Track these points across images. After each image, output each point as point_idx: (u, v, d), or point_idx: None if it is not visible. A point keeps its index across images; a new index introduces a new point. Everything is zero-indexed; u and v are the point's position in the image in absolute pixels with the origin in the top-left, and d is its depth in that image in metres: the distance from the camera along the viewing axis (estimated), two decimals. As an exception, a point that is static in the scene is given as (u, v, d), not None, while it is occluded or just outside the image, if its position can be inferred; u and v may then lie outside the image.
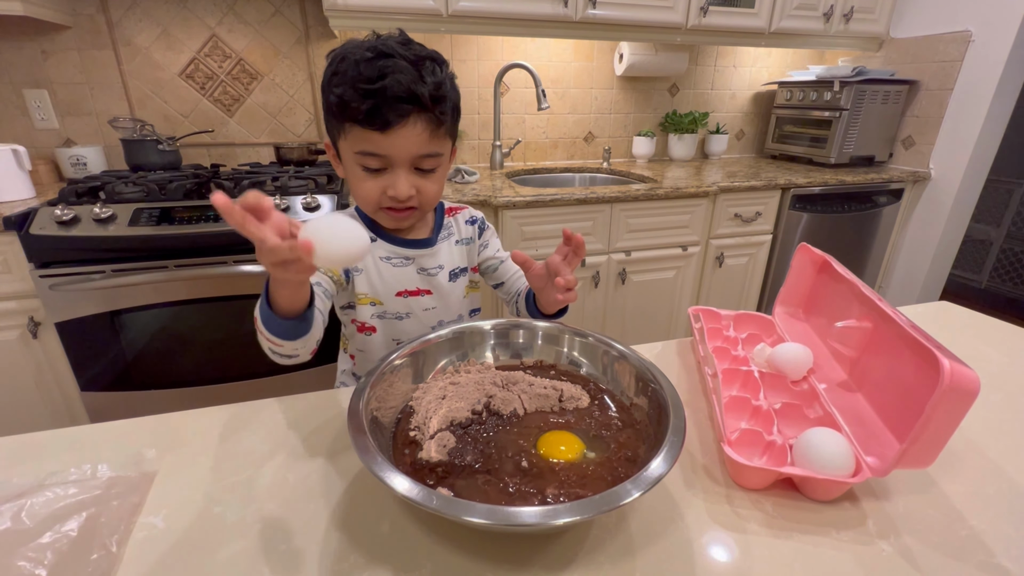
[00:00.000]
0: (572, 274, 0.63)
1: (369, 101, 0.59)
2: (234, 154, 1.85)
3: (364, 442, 0.40)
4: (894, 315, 0.52)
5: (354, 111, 0.60)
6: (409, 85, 0.59)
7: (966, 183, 1.99)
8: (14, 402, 1.35)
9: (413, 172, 0.66)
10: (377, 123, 0.60)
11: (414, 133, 0.62)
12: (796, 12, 1.90)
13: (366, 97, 0.59)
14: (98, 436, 0.55)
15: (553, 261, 0.64)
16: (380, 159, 0.64)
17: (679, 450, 0.40)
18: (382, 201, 0.68)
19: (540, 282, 0.68)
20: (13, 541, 0.40)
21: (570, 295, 0.63)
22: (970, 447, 0.55)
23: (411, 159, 0.65)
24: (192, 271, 1.27)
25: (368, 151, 0.63)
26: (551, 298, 0.66)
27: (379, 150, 0.63)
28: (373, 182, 0.66)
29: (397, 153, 0.63)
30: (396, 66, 0.59)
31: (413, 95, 0.60)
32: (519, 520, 0.34)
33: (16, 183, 1.34)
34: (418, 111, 0.61)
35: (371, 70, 0.59)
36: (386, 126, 0.60)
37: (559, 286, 0.61)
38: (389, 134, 0.61)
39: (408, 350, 0.55)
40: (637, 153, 2.25)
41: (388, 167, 0.65)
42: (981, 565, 0.41)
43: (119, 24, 1.62)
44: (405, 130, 0.61)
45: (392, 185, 0.65)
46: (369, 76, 0.59)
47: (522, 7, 1.62)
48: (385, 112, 0.60)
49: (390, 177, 0.65)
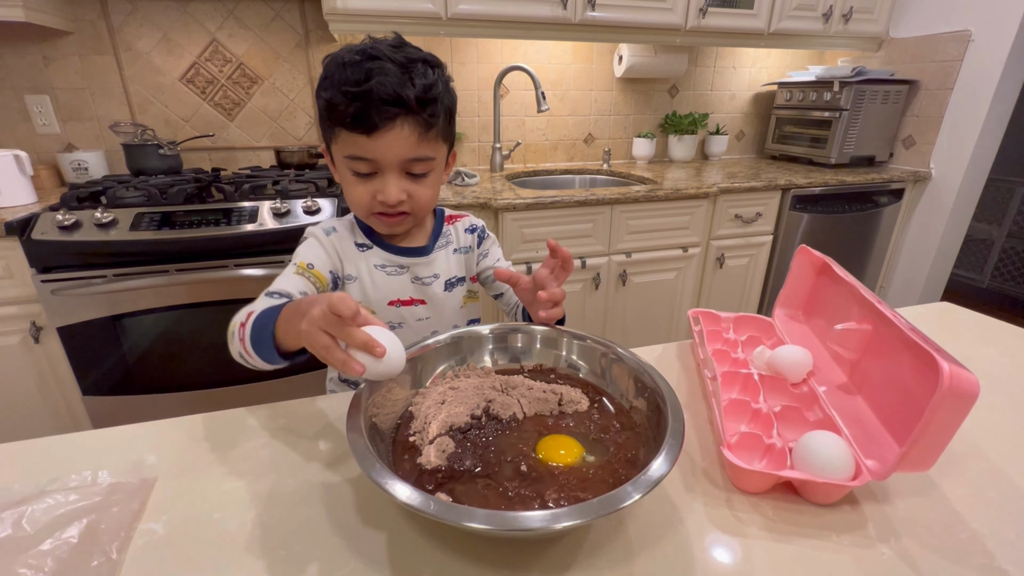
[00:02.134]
0: (559, 287, 0.62)
1: (355, 104, 0.59)
2: (235, 158, 1.86)
3: (363, 448, 0.40)
4: (894, 318, 0.52)
5: (341, 115, 0.60)
6: (394, 87, 0.59)
7: (967, 182, 1.98)
8: (16, 407, 1.35)
9: (404, 177, 0.66)
10: (363, 126, 0.60)
11: (401, 136, 0.61)
12: (795, 13, 1.90)
13: (352, 100, 0.59)
14: (98, 442, 0.56)
15: (540, 274, 0.63)
16: (369, 163, 0.63)
17: (678, 452, 0.40)
18: (373, 206, 0.67)
19: (529, 296, 0.66)
20: (14, 548, 0.40)
21: (555, 311, 0.61)
22: (971, 449, 0.55)
23: (400, 163, 0.64)
24: (193, 275, 1.27)
25: (356, 155, 0.63)
26: (537, 315, 0.64)
27: (366, 154, 0.62)
28: (364, 187, 0.66)
29: (384, 157, 0.63)
30: (382, 68, 0.59)
31: (399, 98, 0.59)
32: (518, 525, 0.34)
33: (18, 188, 1.35)
34: (405, 114, 0.60)
35: (357, 73, 0.59)
36: (372, 129, 0.60)
37: (542, 300, 0.59)
38: (375, 137, 0.61)
39: (407, 355, 0.55)
40: (637, 154, 2.25)
41: (378, 171, 0.65)
42: (982, 568, 0.41)
43: (120, 29, 1.63)
44: (392, 133, 0.61)
45: (382, 190, 0.65)
46: (355, 79, 0.59)
47: (521, 9, 1.62)
48: (371, 115, 0.59)
49: (380, 181, 0.65)
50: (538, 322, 0.64)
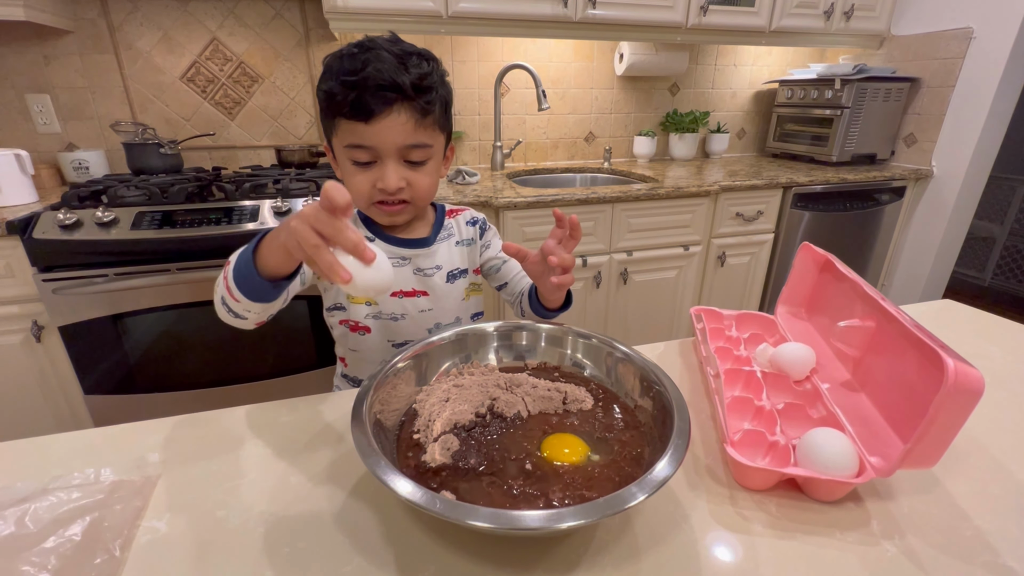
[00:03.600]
0: (568, 254, 0.60)
1: (353, 92, 0.61)
2: (235, 157, 1.85)
3: (367, 445, 0.40)
4: (897, 314, 0.52)
5: (339, 104, 0.62)
6: (390, 74, 0.61)
7: (968, 180, 1.98)
8: (18, 406, 1.35)
9: (402, 164, 0.67)
10: (361, 113, 0.62)
11: (398, 123, 0.63)
12: (796, 10, 1.90)
13: (350, 89, 0.61)
14: (101, 440, 0.56)
15: (547, 245, 0.62)
16: (367, 151, 0.65)
17: (684, 453, 0.40)
18: (373, 195, 0.68)
19: (537, 268, 0.66)
20: (17, 546, 0.40)
21: (566, 278, 0.60)
22: (975, 446, 0.55)
23: (398, 150, 0.65)
24: (194, 274, 1.27)
25: (355, 143, 0.64)
26: (547, 284, 0.63)
27: (365, 141, 0.64)
28: (363, 176, 0.67)
29: (382, 143, 0.64)
30: (378, 56, 0.61)
31: (395, 84, 0.61)
32: (523, 524, 0.34)
33: (19, 187, 1.35)
34: (401, 100, 0.62)
35: (354, 63, 0.61)
36: (369, 116, 0.62)
37: (552, 264, 0.59)
38: (373, 124, 0.62)
39: (411, 353, 0.55)
40: (638, 153, 2.25)
41: (377, 159, 0.66)
42: (986, 565, 0.41)
43: (120, 28, 1.63)
44: (389, 120, 0.62)
45: (381, 177, 0.66)
46: (352, 68, 0.61)
47: (522, 8, 1.62)
48: (367, 101, 0.61)
49: (379, 169, 0.66)
50: (548, 291, 0.66)
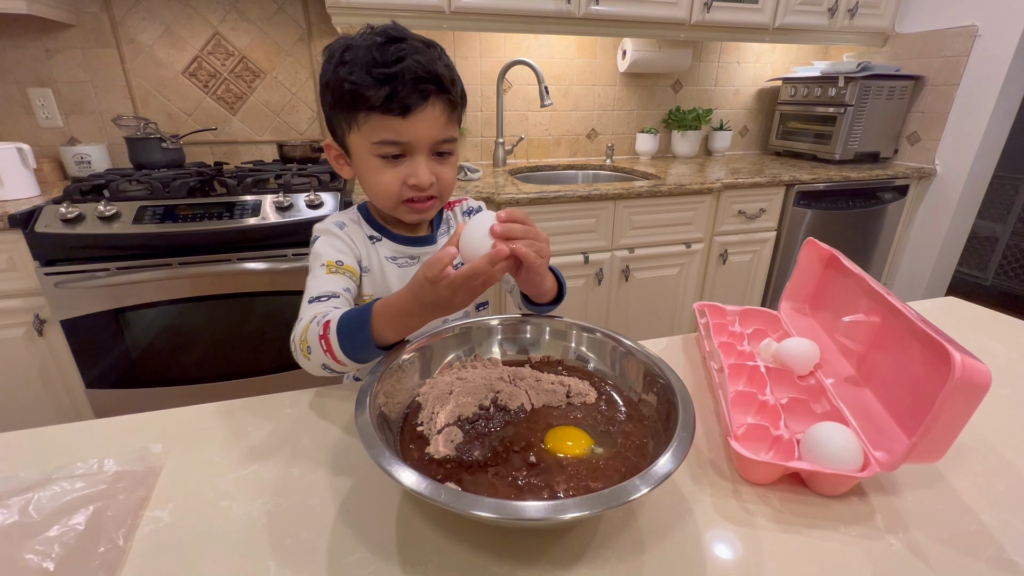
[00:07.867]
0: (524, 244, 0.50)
1: (387, 86, 0.57)
2: (237, 152, 1.85)
3: (371, 436, 0.40)
4: (903, 309, 0.51)
5: (370, 98, 0.58)
6: (428, 66, 0.58)
7: (972, 179, 1.98)
8: (20, 400, 1.35)
9: (432, 158, 0.65)
10: (397, 108, 0.58)
11: (433, 116, 0.61)
12: (800, 7, 1.89)
13: (383, 82, 0.57)
14: (104, 431, 0.56)
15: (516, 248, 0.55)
16: (400, 146, 0.62)
17: (688, 446, 0.40)
18: (403, 193, 0.65)
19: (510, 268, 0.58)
20: (21, 534, 0.40)
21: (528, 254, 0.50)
22: (979, 442, 0.55)
23: (431, 144, 0.63)
24: (196, 268, 1.27)
25: (388, 139, 0.61)
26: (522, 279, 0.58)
27: (400, 137, 0.61)
28: (392, 172, 0.63)
29: (417, 138, 0.61)
30: (413, 48, 0.58)
31: (435, 75, 0.58)
32: (527, 515, 0.34)
33: (21, 181, 1.35)
34: (437, 93, 0.60)
35: (386, 55, 0.57)
36: (407, 110, 0.59)
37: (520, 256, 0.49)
38: (410, 118, 0.59)
39: (415, 345, 0.55)
40: (640, 150, 2.25)
41: (407, 154, 0.63)
42: (991, 560, 0.41)
43: (122, 22, 1.63)
44: (425, 113, 0.60)
45: (413, 173, 0.63)
46: (384, 60, 0.57)
47: (525, 3, 1.61)
48: (404, 96, 0.58)
49: (410, 165, 0.63)
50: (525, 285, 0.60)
